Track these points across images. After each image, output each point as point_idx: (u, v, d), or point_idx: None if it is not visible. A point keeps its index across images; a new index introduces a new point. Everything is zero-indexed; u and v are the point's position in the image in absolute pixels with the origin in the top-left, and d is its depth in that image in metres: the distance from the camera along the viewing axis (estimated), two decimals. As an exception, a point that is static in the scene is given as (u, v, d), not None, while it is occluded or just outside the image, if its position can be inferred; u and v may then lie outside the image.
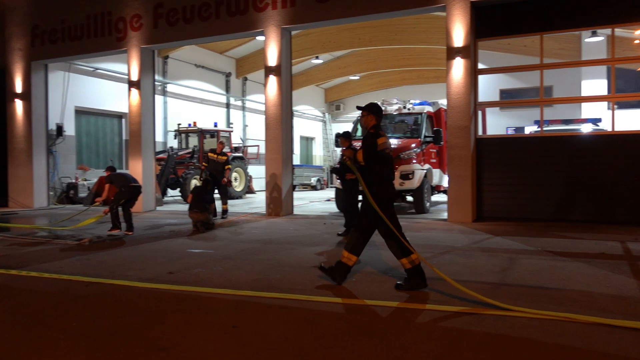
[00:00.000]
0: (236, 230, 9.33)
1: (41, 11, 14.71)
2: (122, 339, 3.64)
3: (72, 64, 16.23)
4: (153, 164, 13.72)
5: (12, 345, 3.53)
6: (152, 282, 5.29)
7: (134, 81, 13.28)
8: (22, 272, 5.84)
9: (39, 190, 15.09)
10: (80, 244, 8.00)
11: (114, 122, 18.75)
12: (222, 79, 22.47)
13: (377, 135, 4.98)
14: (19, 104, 15.07)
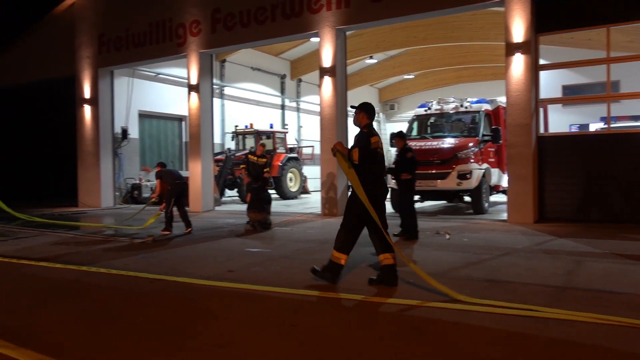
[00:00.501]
0: (292, 230, 9.42)
1: (107, 20, 15.41)
2: (185, 334, 3.76)
3: (135, 69, 16.91)
4: (211, 165, 14.08)
5: (83, 338, 3.71)
6: (212, 280, 5.43)
7: (193, 85, 13.68)
8: (92, 269, 6.14)
9: (106, 191, 15.83)
10: (144, 242, 8.32)
11: (175, 125, 19.38)
12: (277, 80, 22.77)
13: (370, 135, 5.20)
14: (87, 109, 15.86)
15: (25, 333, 3.80)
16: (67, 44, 16.29)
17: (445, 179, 11.35)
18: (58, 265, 6.39)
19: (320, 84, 11.92)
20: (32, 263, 6.60)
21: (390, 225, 9.62)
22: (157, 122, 18.67)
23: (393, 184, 11.47)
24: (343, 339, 3.61)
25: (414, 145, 10.41)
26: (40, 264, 6.54)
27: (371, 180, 5.11)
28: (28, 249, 7.89)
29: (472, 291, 4.74)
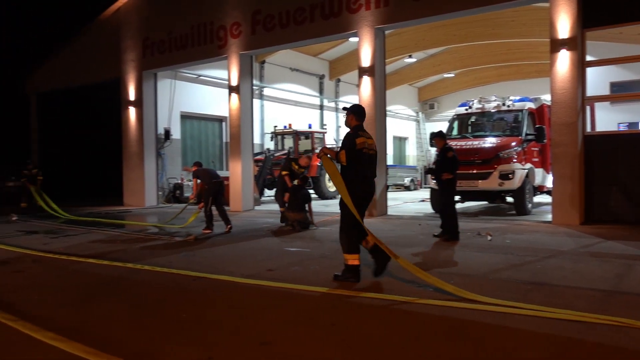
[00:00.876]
0: (332, 230, 9.43)
1: (151, 24, 15.81)
2: (227, 331, 3.82)
3: (178, 71, 17.30)
4: (251, 165, 14.25)
5: (130, 333, 3.83)
6: (252, 278, 5.50)
7: (233, 86, 13.88)
8: (137, 266, 6.32)
9: (149, 190, 16.25)
10: (186, 241, 8.50)
11: (215, 126, 19.73)
12: (316, 81, 22.85)
13: (356, 136, 5.28)
14: (132, 111, 16.32)
15: (75, 327, 3.95)
16: (112, 48, 16.81)
17: (486, 179, 11.13)
18: (105, 262, 6.61)
19: (359, 83, 11.89)
20: (80, 260, 6.85)
21: (431, 225, 9.55)
22: (199, 123, 19.05)
23: (433, 184, 11.34)
24: (382, 338, 3.59)
25: (454, 145, 10.25)
26: (88, 260, 6.77)
27: (356, 181, 5.23)
28: (77, 246, 8.18)
29: (514, 294, 4.64)
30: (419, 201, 16.52)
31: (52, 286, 5.45)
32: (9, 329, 3.90)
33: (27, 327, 3.87)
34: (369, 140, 5.40)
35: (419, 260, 6.41)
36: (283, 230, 9.54)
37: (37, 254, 7.37)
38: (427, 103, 29.22)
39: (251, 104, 14.27)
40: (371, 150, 5.40)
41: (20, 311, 4.36)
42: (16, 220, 12.36)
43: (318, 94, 22.92)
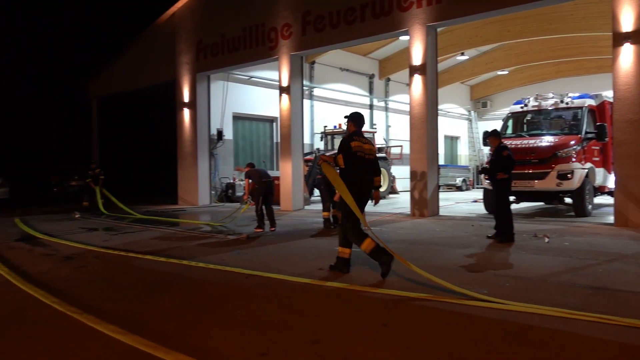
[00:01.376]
0: (382, 230, 9.37)
1: (204, 28, 16.22)
2: (280, 329, 3.87)
3: (230, 73, 17.64)
4: (301, 165, 14.36)
5: (187, 328, 3.94)
6: (304, 277, 5.54)
7: (284, 87, 14.03)
8: (191, 263, 6.49)
9: (203, 190, 16.69)
10: (238, 239, 8.66)
11: (266, 126, 20.00)
12: (366, 80, 22.76)
13: (351, 140, 5.68)
14: (186, 112, 16.79)
15: (135, 320, 4.10)
16: (168, 51, 17.35)
17: (543, 179, 10.76)
18: (162, 259, 6.82)
19: (410, 82, 11.76)
20: (138, 256, 7.10)
21: (484, 226, 9.33)
22: (250, 124, 19.37)
23: (487, 184, 11.08)
24: (435, 340, 3.54)
25: (509, 144, 9.97)
26: (146, 257, 7.02)
27: (353, 182, 5.60)
28: (135, 242, 8.49)
29: (574, 298, 4.46)
30: (472, 202, 16.16)
31: (113, 281, 5.68)
32: (75, 321, 4.09)
33: (90, 320, 4.05)
34: (365, 145, 5.76)
35: (472, 262, 6.27)
36: (333, 230, 9.56)
37: (99, 250, 7.70)
38: (480, 101, 28.57)
39: (301, 104, 14.38)
40: (367, 154, 5.76)
41: (84, 304, 4.57)
42: (79, 218, 12.96)
43: (368, 94, 22.82)
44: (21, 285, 5.38)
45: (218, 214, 13.01)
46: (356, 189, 5.59)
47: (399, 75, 23.11)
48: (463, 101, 28.19)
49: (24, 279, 5.70)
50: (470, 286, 4.97)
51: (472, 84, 28.25)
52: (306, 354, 3.34)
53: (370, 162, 5.81)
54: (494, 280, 5.24)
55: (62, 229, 10.56)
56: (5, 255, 7.42)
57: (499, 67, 23.74)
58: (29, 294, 5.01)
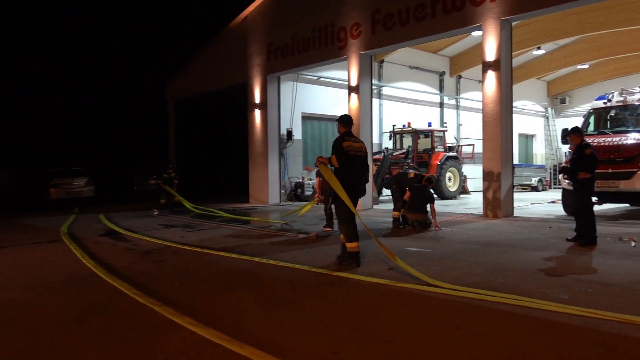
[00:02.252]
0: (453, 231, 9.15)
1: (275, 29, 16.51)
2: (350, 327, 3.86)
3: (299, 74, 17.85)
4: (370, 165, 14.27)
5: (258, 323, 4.01)
6: (373, 276, 5.50)
7: (353, 86, 14.01)
8: (262, 260, 6.62)
9: (273, 189, 17.00)
10: (308, 238, 8.74)
11: (335, 126, 20.01)
12: (436, 78, 22.31)
13: (342, 140, 6.18)
14: (257, 113, 17.18)
15: (209, 314, 4.23)
16: (239, 54, 17.82)
17: (629, 179, 10.07)
18: (234, 256, 7.01)
19: (483, 79, 11.38)
20: (212, 252, 7.34)
21: (563, 229, 8.87)
22: (319, 124, 19.51)
23: (566, 184, 10.53)
24: (514, 346, 3.39)
25: (591, 142, 9.42)
26: (219, 253, 7.23)
27: (347, 178, 6.11)
28: (209, 239, 8.78)
29: (668, 306, 4.14)
30: (549, 202, 15.42)
31: (189, 276, 5.90)
32: (155, 313, 4.28)
33: (169, 312, 4.22)
34: (356, 144, 6.28)
35: (551, 265, 5.98)
36: (402, 230, 9.44)
37: (176, 246, 8.03)
38: (557, 97, 27.20)
39: (370, 103, 14.31)
40: (359, 152, 6.29)
41: (163, 297, 4.78)
42: (156, 215, 13.59)
43: (438, 92, 22.36)
44: (106, 277, 5.71)
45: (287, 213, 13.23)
46: (351, 184, 6.14)
47: (471, 72, 22.45)
48: (539, 98, 26.96)
49: (108, 271, 6.05)
50: (549, 290, 4.74)
51: (549, 80, 26.96)
52: (378, 354, 3.31)
53: (362, 159, 6.35)
54: (575, 285, 4.96)
55: (142, 225, 11.11)
56: (92, 249, 7.91)
57: (579, 61, 22.49)
58: (113, 286, 5.30)
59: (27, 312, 4.52)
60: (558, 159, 25.02)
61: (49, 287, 5.44)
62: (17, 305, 4.75)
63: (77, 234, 9.89)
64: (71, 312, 4.44)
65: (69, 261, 6.95)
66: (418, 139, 18.04)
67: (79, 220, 12.58)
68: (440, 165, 17.26)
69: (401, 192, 9.82)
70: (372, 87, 14.88)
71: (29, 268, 6.54)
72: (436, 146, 18.01)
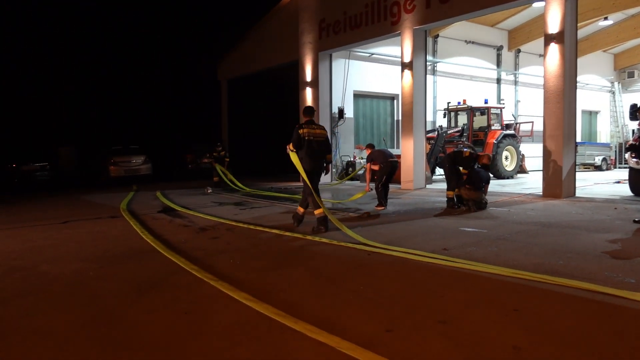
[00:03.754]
0: (510, 211, 8.90)
1: (326, 6, 16.34)
2: (404, 306, 3.85)
3: (351, 51, 17.64)
4: (423, 143, 14.04)
5: (312, 300, 4.07)
6: (427, 257, 5.44)
7: (406, 63, 13.73)
8: (315, 238, 6.68)
9: (324, 168, 17.02)
10: (360, 217, 8.73)
11: (387, 104, 19.82)
12: (493, 53, 21.55)
13: (300, 128, 7.44)
14: (309, 92, 17.16)
15: (264, 290, 4.32)
16: (291, 32, 17.80)
17: None
18: (287, 233, 7.11)
19: (545, 53, 10.88)
20: (266, 230, 7.47)
21: (630, 210, 8.46)
22: (371, 102, 19.33)
23: (633, 163, 10.03)
24: (573, 332, 3.29)
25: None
26: (272, 231, 7.35)
27: (305, 159, 7.44)
28: (262, 217, 8.93)
29: None
30: (614, 182, 14.71)
31: (243, 252, 6.03)
32: (212, 288, 4.42)
33: (225, 287, 4.34)
34: (315, 130, 7.51)
35: (616, 248, 5.73)
36: (457, 210, 9.27)
37: (230, 223, 8.22)
38: (625, 71, 25.72)
39: (424, 80, 13.99)
40: (318, 137, 7.52)
41: (219, 272, 4.92)
42: (210, 192, 13.94)
43: (495, 67, 21.62)
44: (164, 252, 5.92)
45: (339, 192, 13.24)
46: (308, 165, 7.42)
47: (531, 46, 21.55)
48: (605, 71, 25.58)
49: (166, 246, 6.27)
50: (614, 274, 4.55)
51: (617, 52, 25.49)
52: (433, 333, 3.29)
53: (320, 143, 7.55)
54: (644, 269, 4.74)
55: (196, 203, 11.43)
56: (150, 225, 8.22)
57: (651, 31, 21.14)
58: (171, 261, 5.50)
59: (90, 284, 4.77)
60: (624, 137, 23.76)
61: (110, 261, 5.71)
62: (80, 277, 5.01)
63: (136, 210, 10.29)
64: (132, 285, 4.64)
65: (128, 236, 7.26)
66: (474, 116, 17.56)
67: (137, 197, 13.08)
68: (497, 143, 16.75)
69: (455, 172, 9.64)
70: (426, 64, 14.53)
71: (91, 242, 6.88)
72: (493, 124, 17.47)
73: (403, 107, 14.00)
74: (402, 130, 14.16)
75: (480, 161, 9.56)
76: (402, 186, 13.79)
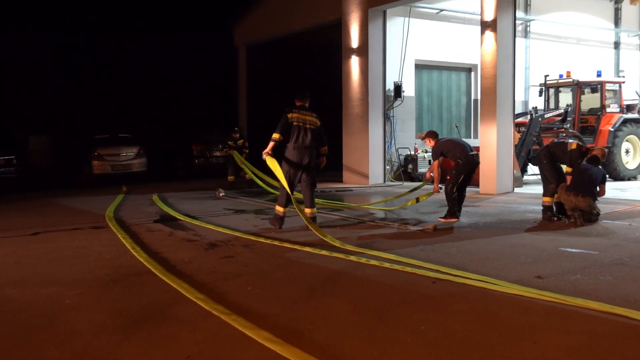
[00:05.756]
0: (631, 226, 8.70)
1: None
2: (481, 354, 3.80)
3: (412, 6, 17.57)
4: (511, 131, 13.85)
5: (356, 342, 4.06)
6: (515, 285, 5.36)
7: (488, 22, 13.57)
8: (361, 259, 6.67)
9: (375, 164, 17.01)
10: (423, 231, 8.68)
11: (461, 78, 19.65)
12: (609, 7, 21.16)
13: (289, 111, 8.71)
14: (354, 61, 17.16)
15: (292, 327, 4.35)
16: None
17: None
18: (323, 252, 7.11)
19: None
20: (295, 247, 7.50)
21: None
22: (439, 75, 19.21)
23: None
24: None
25: None
26: (304, 249, 7.38)
27: (290, 149, 8.75)
28: (290, 230, 8.98)
29: None
30: None
31: (265, 276, 6.08)
32: (222, 323, 4.47)
33: (240, 323, 4.38)
34: (306, 117, 8.76)
35: None
36: (556, 223, 9.11)
37: (248, 238, 8.29)
38: None
39: (513, 45, 13.83)
40: (308, 124, 8.72)
41: (232, 303, 4.97)
42: (223, 196, 14.09)
43: (612, 26, 21.17)
44: (162, 276, 6.02)
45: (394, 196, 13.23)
46: (295, 157, 8.68)
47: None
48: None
49: (165, 267, 6.38)
50: None
51: None
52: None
53: (310, 132, 8.74)
54: None
55: (205, 210, 11.59)
56: (145, 240, 8.38)
57: None
58: (170, 287, 5.59)
59: (67, 316, 4.88)
60: None
61: (92, 285, 5.84)
62: (54, 307, 5.14)
63: (126, 219, 10.52)
64: (119, 318, 4.74)
65: (116, 253, 7.42)
66: (581, 94, 17.20)
67: (128, 202, 13.38)
68: (614, 131, 16.37)
69: (555, 170, 9.47)
70: (516, 23, 14.33)
71: (68, 260, 7.06)
72: (608, 105, 17.07)
73: (483, 81, 13.84)
74: (482, 114, 14.01)
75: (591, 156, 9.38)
76: (480, 190, 13.64)
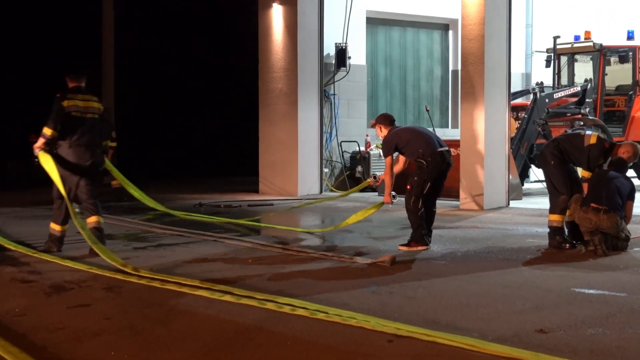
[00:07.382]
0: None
1: None
2: None
3: None
4: (506, 118, 14.08)
5: None
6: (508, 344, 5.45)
7: (472, -41, 13.85)
8: (282, 308, 6.66)
9: (307, 165, 16.99)
10: (376, 264, 8.74)
11: (434, 39, 19.91)
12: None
13: (64, 98, 9.21)
14: (277, 12, 17.10)
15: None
16: None
17: None
18: (226, 298, 7.08)
19: None
20: (186, 290, 7.45)
21: None
22: (402, 34, 19.40)
23: None
24: None
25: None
26: (198, 293, 7.33)
27: (68, 152, 9.22)
28: (178, 264, 8.97)
29: None
30: None
31: (138, 335, 6.00)
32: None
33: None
34: (87, 103, 9.31)
35: None
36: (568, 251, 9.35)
37: (114, 276, 8.18)
38: None
39: (506, -8, 14.14)
40: (88, 113, 9.25)
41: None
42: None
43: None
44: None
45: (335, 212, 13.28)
46: (76, 157, 9.22)
47: None
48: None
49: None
50: None
51: None
52: None
53: (95, 123, 9.38)
54: None
55: (46, 234, 11.35)
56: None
57: None
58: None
59: None
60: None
61: None
62: None
63: None
64: None
65: None
66: (606, 65, 17.68)
67: None
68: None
69: (567, 175, 9.71)
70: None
71: None
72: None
73: (465, 44, 14.05)
74: (463, 93, 14.22)
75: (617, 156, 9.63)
76: (461, 205, 13.83)
